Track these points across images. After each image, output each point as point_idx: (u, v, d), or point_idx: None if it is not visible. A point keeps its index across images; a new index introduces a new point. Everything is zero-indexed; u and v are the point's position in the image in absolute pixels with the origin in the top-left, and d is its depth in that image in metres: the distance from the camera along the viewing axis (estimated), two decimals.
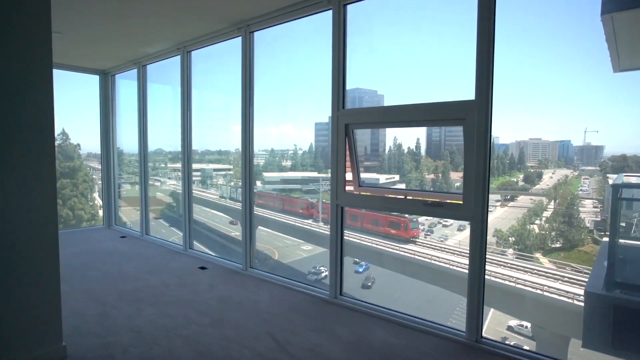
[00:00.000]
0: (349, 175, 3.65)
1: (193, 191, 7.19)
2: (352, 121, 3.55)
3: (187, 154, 5.64)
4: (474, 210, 2.82)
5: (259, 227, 6.25)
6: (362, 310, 3.55)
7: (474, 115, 2.76)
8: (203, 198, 6.65)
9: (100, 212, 7.47)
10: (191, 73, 5.45)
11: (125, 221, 7.89)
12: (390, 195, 3.55)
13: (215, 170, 6.40)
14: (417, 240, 6.26)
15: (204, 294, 3.92)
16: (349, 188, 3.66)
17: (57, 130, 9.39)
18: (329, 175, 5.50)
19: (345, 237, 3.81)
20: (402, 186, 5.99)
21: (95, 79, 7.29)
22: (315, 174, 5.69)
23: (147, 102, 6.55)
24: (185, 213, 5.71)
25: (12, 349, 2.43)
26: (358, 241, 6.09)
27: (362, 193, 3.68)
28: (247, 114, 4.54)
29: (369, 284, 6.78)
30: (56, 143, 10.38)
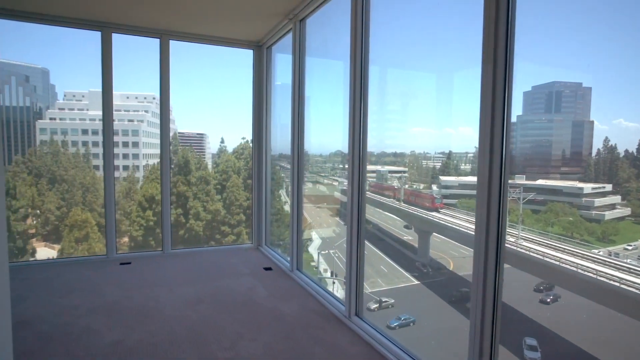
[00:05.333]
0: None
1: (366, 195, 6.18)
2: None
3: (359, 158, 3.33)
4: None
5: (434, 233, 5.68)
6: None
7: None
8: (378, 200, 6.55)
9: (286, 207, 6.74)
10: (369, 21, 3.25)
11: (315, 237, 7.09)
12: None
13: (390, 172, 6.26)
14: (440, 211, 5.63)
15: None
16: None
17: (249, 135, 9.97)
18: (516, 181, 4.45)
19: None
20: (618, 198, 4.51)
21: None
22: None
23: (305, 73, 4.52)
24: (351, 263, 3.37)
25: None
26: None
27: None
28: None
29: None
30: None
